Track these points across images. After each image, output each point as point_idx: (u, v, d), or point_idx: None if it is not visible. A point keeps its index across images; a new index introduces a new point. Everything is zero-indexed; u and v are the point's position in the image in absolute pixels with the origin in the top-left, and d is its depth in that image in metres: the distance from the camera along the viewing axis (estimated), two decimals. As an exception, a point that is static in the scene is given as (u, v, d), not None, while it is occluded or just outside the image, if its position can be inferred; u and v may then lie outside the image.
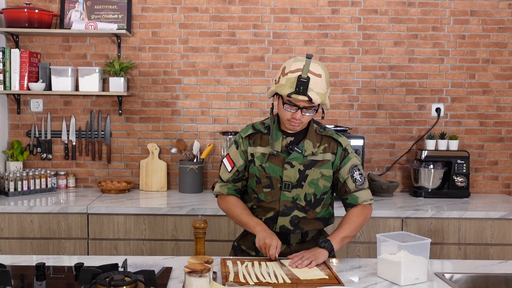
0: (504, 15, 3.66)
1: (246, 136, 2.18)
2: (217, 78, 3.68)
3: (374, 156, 3.73)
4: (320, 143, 2.13)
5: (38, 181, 3.42)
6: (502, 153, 3.73)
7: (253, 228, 2.09)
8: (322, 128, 2.17)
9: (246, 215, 2.14)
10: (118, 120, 3.70)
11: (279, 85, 2.00)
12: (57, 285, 1.83)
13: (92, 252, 3.08)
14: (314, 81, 1.97)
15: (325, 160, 2.12)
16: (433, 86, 3.69)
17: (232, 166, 2.18)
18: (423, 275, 1.86)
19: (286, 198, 2.12)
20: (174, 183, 3.72)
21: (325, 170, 2.12)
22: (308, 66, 1.98)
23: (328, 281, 1.82)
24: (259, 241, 2.03)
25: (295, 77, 1.96)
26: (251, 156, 2.16)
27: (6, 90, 3.43)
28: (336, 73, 3.68)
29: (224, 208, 2.23)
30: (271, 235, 2.04)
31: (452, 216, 3.09)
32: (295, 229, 2.14)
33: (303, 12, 3.65)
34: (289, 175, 2.10)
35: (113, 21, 3.60)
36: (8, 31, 3.44)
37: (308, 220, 2.16)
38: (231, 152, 2.20)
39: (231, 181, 2.21)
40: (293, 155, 2.10)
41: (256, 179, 2.15)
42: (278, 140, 2.12)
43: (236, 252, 2.28)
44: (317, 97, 1.97)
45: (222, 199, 2.24)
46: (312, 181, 2.11)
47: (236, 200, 2.21)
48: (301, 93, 1.95)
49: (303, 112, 2.01)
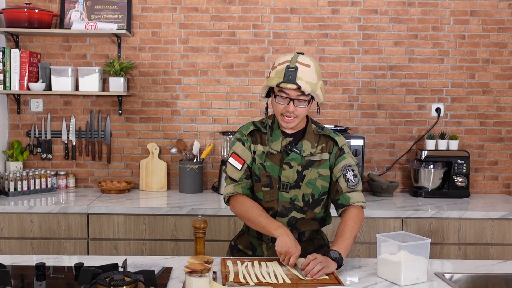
0: (504, 15, 3.66)
1: (248, 133, 2.16)
2: (217, 78, 3.68)
3: (374, 156, 3.73)
4: (318, 143, 2.13)
5: (38, 181, 3.42)
6: (502, 153, 3.73)
7: (274, 231, 1.99)
8: (320, 128, 2.16)
9: (265, 217, 2.05)
10: (118, 120, 3.70)
11: (269, 78, 2.02)
12: (57, 285, 1.83)
13: (92, 252, 3.08)
14: (302, 70, 1.96)
15: (322, 160, 2.11)
16: (433, 86, 3.69)
17: (242, 163, 2.12)
18: (423, 275, 1.86)
19: (284, 198, 2.11)
20: (174, 183, 3.72)
21: (322, 170, 2.11)
22: (297, 58, 1.99)
23: (328, 281, 1.83)
24: (282, 247, 1.94)
25: (284, 67, 1.98)
26: (253, 153, 2.14)
27: (6, 90, 3.43)
28: (336, 73, 3.68)
29: (239, 211, 2.11)
30: (295, 243, 1.96)
31: (452, 216, 3.09)
32: (292, 229, 2.12)
33: (303, 12, 3.65)
34: (287, 175, 2.09)
35: (113, 21, 3.60)
36: (8, 31, 3.44)
37: (305, 221, 2.14)
38: (238, 149, 2.14)
39: (244, 179, 2.13)
40: (292, 156, 2.09)
41: (256, 177, 2.13)
42: (278, 140, 2.11)
43: (233, 251, 2.26)
44: (307, 85, 1.95)
45: (236, 202, 2.13)
46: (310, 181, 2.10)
47: (252, 202, 2.11)
48: (290, 81, 1.95)
49: (296, 104, 1.99)
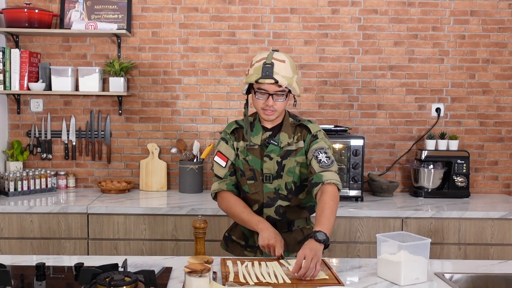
0: (504, 15, 3.66)
1: (231, 132, 2.28)
2: (217, 78, 3.68)
3: (374, 156, 3.73)
4: (295, 133, 2.22)
5: (38, 181, 3.42)
6: (502, 153, 3.73)
7: (255, 226, 2.13)
8: (297, 120, 2.25)
9: (247, 213, 2.18)
10: (118, 120, 3.70)
11: (248, 76, 2.14)
12: (57, 285, 1.83)
13: (92, 252, 3.08)
14: (278, 66, 2.09)
15: (298, 148, 2.21)
16: (433, 86, 3.69)
17: (226, 160, 2.25)
18: (423, 275, 1.86)
19: (269, 189, 2.21)
20: (174, 183, 3.72)
21: (299, 158, 2.20)
22: (272, 55, 2.11)
23: (328, 281, 1.82)
24: (263, 241, 2.06)
25: (261, 64, 2.10)
26: (236, 150, 2.26)
27: (6, 90, 3.43)
28: (336, 73, 3.68)
29: (225, 207, 2.25)
30: (274, 235, 2.07)
31: (452, 216, 3.09)
32: (282, 219, 2.22)
33: (303, 12, 3.65)
34: (269, 167, 2.19)
35: (113, 21, 3.60)
36: (8, 31, 3.44)
37: (292, 208, 2.22)
38: (222, 148, 2.27)
39: (228, 176, 2.26)
40: (270, 148, 2.19)
41: (241, 172, 2.24)
42: (258, 134, 2.22)
43: (227, 242, 2.35)
44: (283, 79, 2.08)
45: (222, 198, 2.26)
46: (290, 170, 2.19)
47: (236, 199, 2.24)
48: (267, 76, 2.07)
49: (274, 98, 2.11)
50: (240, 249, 2.28)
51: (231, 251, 2.32)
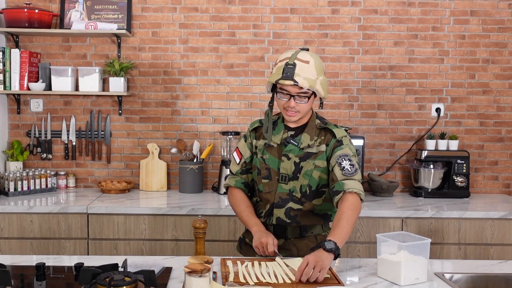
0: (504, 15, 3.66)
1: (252, 129, 2.28)
2: (217, 78, 3.68)
3: (374, 156, 3.73)
4: (318, 136, 2.17)
5: (38, 181, 3.42)
6: (502, 153, 3.73)
7: (250, 228, 2.16)
8: (323, 123, 2.19)
9: (247, 213, 2.20)
10: (118, 120, 3.70)
11: (271, 75, 2.09)
12: (57, 285, 1.83)
13: (92, 252, 3.08)
14: (300, 67, 2.02)
15: (319, 151, 2.15)
16: (433, 86, 3.69)
17: (240, 158, 2.27)
18: (423, 275, 1.86)
19: (283, 190, 2.16)
20: (174, 183, 3.72)
21: (318, 161, 2.14)
22: (296, 55, 2.05)
23: (328, 281, 1.83)
24: (255, 241, 2.08)
25: (283, 64, 2.05)
26: (255, 148, 2.24)
27: (6, 90, 3.43)
28: (336, 73, 3.68)
29: (231, 203, 2.29)
30: (266, 234, 2.08)
31: (452, 216, 3.09)
32: (292, 222, 2.16)
33: (303, 12, 3.65)
34: (286, 167, 2.15)
35: (113, 21, 3.60)
36: (8, 31, 3.44)
37: (304, 213, 2.16)
38: (240, 145, 2.29)
39: (239, 173, 2.28)
40: (289, 147, 2.15)
41: (257, 170, 2.22)
42: (279, 133, 2.18)
43: (240, 244, 2.36)
44: (304, 81, 2.01)
45: (231, 194, 2.30)
46: (306, 173, 2.14)
47: (242, 197, 2.26)
48: (288, 78, 2.01)
49: (296, 100, 2.06)
50: (253, 252, 2.23)
51: (244, 253, 2.31)
